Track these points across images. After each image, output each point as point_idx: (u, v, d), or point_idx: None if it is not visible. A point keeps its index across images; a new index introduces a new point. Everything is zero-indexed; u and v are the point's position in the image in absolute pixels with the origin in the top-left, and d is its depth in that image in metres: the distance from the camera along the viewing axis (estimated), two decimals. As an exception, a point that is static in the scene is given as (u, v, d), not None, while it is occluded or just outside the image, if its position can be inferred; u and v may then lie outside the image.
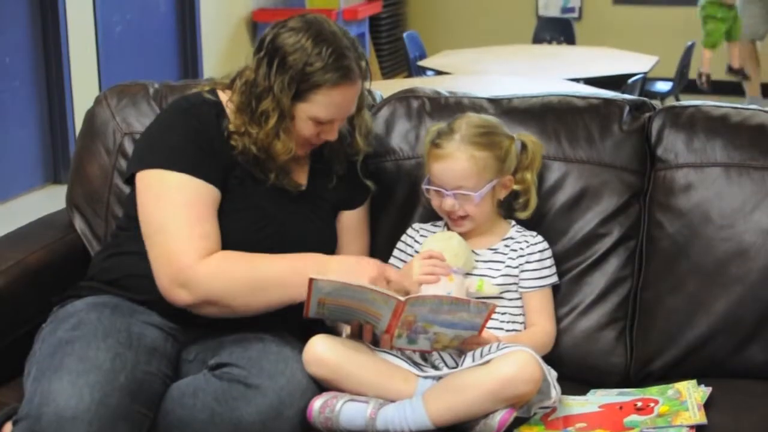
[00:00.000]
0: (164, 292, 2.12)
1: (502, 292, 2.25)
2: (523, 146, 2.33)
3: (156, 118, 2.34)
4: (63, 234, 2.56)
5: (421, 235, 2.36)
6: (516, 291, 2.27)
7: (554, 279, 2.31)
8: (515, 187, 2.32)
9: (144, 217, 2.18)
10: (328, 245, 2.34)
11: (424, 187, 2.31)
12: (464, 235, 2.30)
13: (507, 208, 2.35)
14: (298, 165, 2.33)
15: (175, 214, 2.13)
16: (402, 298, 2.01)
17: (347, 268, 2.13)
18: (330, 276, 2.06)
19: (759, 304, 2.24)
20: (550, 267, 2.30)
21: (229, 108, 2.24)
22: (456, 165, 2.24)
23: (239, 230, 2.21)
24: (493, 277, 2.26)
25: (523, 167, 2.32)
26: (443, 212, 2.29)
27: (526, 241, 2.29)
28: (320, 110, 2.18)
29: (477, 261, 2.28)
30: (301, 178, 2.33)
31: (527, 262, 2.27)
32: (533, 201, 2.33)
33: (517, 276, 2.26)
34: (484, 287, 2.24)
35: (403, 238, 2.40)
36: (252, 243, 2.20)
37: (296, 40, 2.16)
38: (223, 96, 2.28)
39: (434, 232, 2.35)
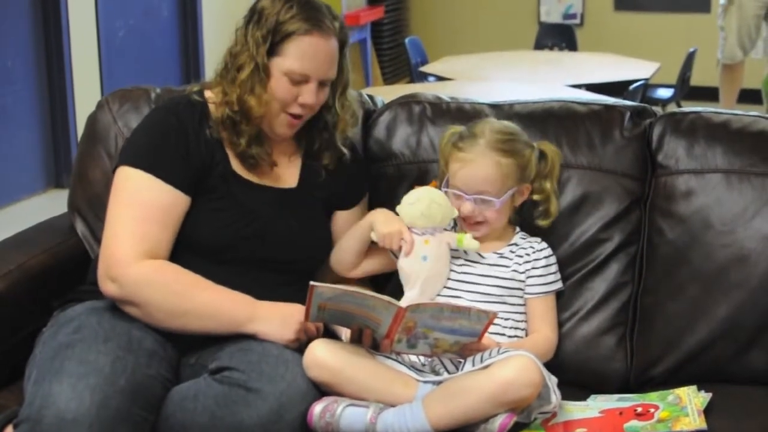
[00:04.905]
0: (98, 281, 2.16)
1: (505, 297, 2.26)
2: (542, 154, 2.34)
3: (143, 118, 2.36)
4: (64, 238, 2.57)
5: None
6: (520, 297, 2.27)
7: (558, 285, 2.31)
8: (535, 197, 2.32)
9: (107, 208, 2.22)
10: (321, 246, 2.35)
11: (443, 189, 2.31)
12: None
13: (527, 217, 2.35)
14: (290, 162, 2.34)
15: (124, 212, 2.17)
16: (403, 305, 2.02)
17: (277, 317, 2.14)
18: (259, 324, 2.12)
19: (759, 310, 2.24)
20: (555, 273, 2.30)
21: (213, 101, 2.26)
22: (480, 170, 2.24)
23: (221, 228, 2.21)
24: (499, 278, 2.26)
25: (542, 176, 2.32)
26: (461, 216, 2.29)
27: (532, 247, 2.29)
28: (293, 63, 2.19)
29: (483, 264, 2.28)
30: (292, 176, 2.34)
31: (533, 268, 2.27)
32: (553, 209, 2.33)
33: (522, 281, 2.26)
34: (464, 241, 2.24)
35: None
36: (235, 241, 2.21)
37: (273, 1, 2.22)
38: (210, 95, 2.29)
39: (449, 230, 2.35)
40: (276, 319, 2.14)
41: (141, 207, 2.16)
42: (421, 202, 2.25)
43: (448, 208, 2.26)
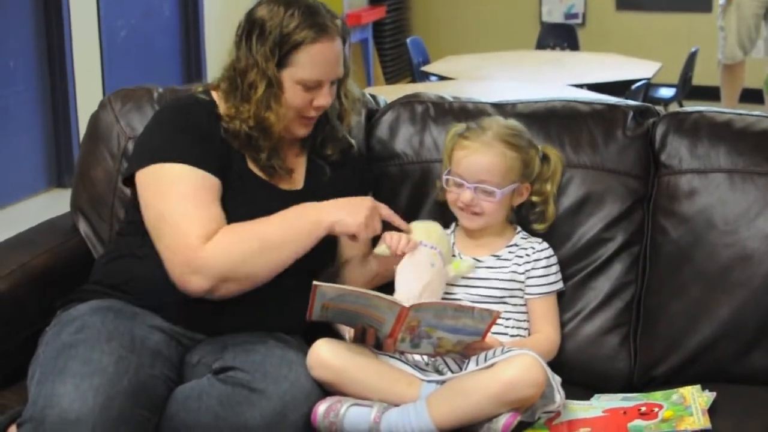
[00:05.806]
0: (178, 283, 2.11)
1: (505, 297, 2.25)
2: (546, 158, 2.34)
3: (150, 119, 2.34)
4: (67, 238, 2.57)
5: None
6: (521, 297, 2.27)
7: (560, 285, 2.31)
8: (534, 198, 2.33)
9: (147, 213, 2.17)
10: (327, 247, 2.34)
11: (444, 177, 2.31)
12: (471, 236, 2.30)
13: (523, 219, 2.36)
14: (296, 160, 2.33)
15: (178, 204, 2.13)
16: (406, 304, 2.02)
17: (343, 205, 2.15)
18: (330, 215, 2.11)
19: (763, 309, 2.24)
20: (555, 273, 2.30)
21: (225, 112, 2.24)
22: (485, 159, 2.24)
23: None
24: (498, 279, 2.26)
25: (543, 179, 2.33)
26: (459, 205, 2.28)
27: (532, 248, 2.29)
28: (305, 71, 2.19)
29: (480, 267, 2.28)
30: (299, 177, 2.33)
31: (533, 269, 2.27)
32: (550, 213, 2.33)
33: (522, 282, 2.26)
34: (461, 266, 2.25)
35: None
36: None
37: (270, 9, 2.20)
38: (216, 96, 2.29)
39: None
40: (343, 206, 2.15)
41: (191, 196, 2.12)
42: (437, 229, 2.27)
43: (450, 244, 2.28)
